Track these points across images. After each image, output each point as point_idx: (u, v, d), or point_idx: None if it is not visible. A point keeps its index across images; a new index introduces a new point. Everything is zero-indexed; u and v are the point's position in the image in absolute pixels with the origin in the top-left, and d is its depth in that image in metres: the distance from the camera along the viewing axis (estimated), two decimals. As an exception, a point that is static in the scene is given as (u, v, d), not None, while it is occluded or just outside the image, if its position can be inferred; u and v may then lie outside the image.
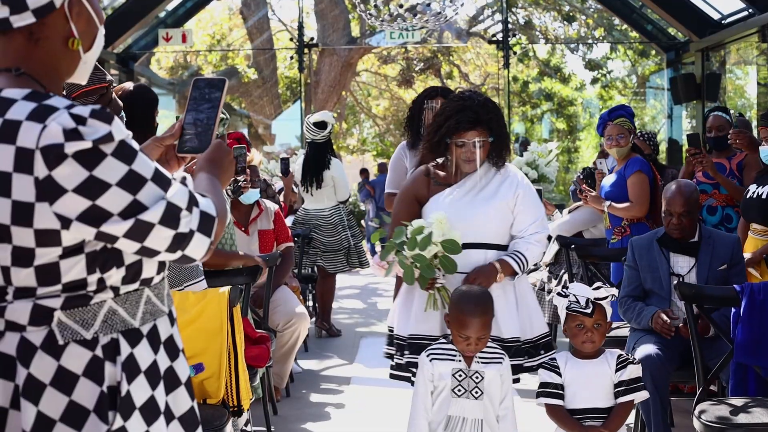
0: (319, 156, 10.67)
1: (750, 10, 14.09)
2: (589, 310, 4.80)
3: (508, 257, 5.15)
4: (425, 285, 4.93)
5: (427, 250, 4.81)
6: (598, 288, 4.87)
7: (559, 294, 4.91)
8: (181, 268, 5.19)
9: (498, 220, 5.22)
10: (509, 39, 20.43)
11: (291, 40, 21.25)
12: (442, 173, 5.34)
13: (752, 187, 6.91)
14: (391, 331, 5.39)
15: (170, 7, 18.22)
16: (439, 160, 5.41)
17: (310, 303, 10.83)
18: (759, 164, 7.76)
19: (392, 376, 5.41)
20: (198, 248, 2.39)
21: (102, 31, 2.55)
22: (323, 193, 10.71)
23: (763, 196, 6.75)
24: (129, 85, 5.14)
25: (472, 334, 4.61)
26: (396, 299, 5.46)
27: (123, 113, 4.71)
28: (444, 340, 4.80)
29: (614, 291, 4.94)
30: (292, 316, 7.55)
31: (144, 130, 5.11)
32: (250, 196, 7.81)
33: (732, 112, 8.16)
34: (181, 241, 2.34)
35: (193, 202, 2.36)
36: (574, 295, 4.85)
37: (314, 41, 20.46)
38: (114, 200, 2.24)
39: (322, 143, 10.65)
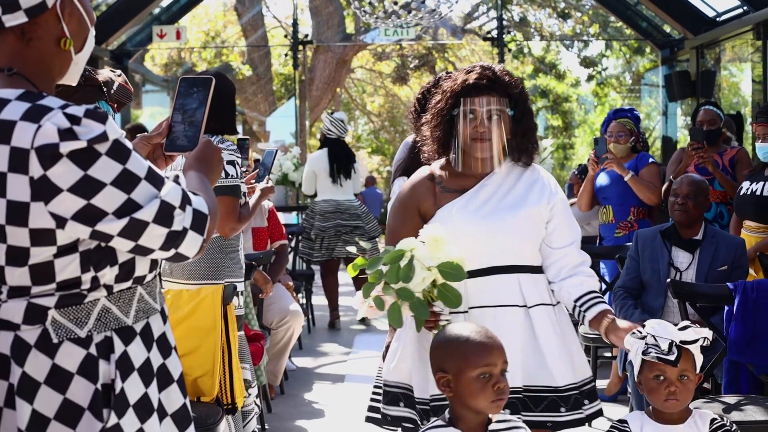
0: (346, 150, 11.43)
1: (745, 8, 14.10)
2: (673, 357, 3.54)
3: (606, 305, 3.94)
4: (421, 326, 3.62)
5: (421, 279, 3.53)
6: (685, 328, 3.63)
7: (632, 334, 3.65)
8: (225, 265, 5.23)
9: (531, 234, 3.97)
10: (504, 36, 20.40)
11: (285, 36, 21.26)
12: (451, 176, 4.04)
13: (746, 184, 6.93)
14: (403, 388, 4.09)
15: (164, 3, 18.21)
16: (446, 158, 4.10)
17: (304, 300, 10.84)
18: (749, 160, 7.81)
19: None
20: (191, 246, 2.40)
21: (93, 32, 2.56)
22: (349, 184, 11.28)
23: (758, 193, 6.78)
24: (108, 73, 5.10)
25: (497, 361, 3.19)
26: (401, 345, 4.10)
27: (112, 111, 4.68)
28: (439, 421, 3.30)
29: (707, 332, 3.67)
30: (286, 314, 7.56)
31: (226, 117, 5.29)
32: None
33: None
34: (174, 239, 2.35)
35: (186, 200, 2.37)
36: (653, 337, 3.59)
37: (309, 38, 20.43)
38: (109, 199, 2.25)
39: (344, 139, 11.41)
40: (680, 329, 3.60)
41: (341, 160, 11.22)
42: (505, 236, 3.90)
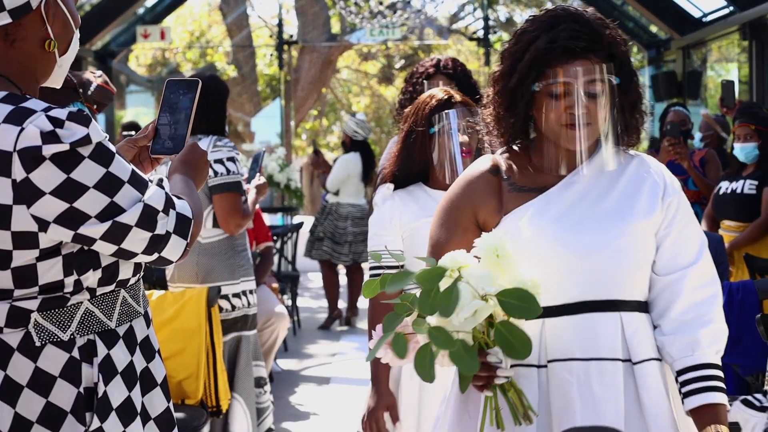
0: (372, 153, 11.61)
1: (731, 8, 14.12)
2: None
3: (720, 394, 2.64)
4: (467, 384, 2.44)
5: (471, 312, 2.33)
6: None
7: (746, 403, 3.01)
8: (240, 265, 5.24)
9: (641, 256, 2.72)
10: (490, 36, 20.41)
11: (270, 36, 21.23)
12: (523, 169, 2.80)
13: (724, 184, 7.04)
14: None
15: (149, 3, 18.16)
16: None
17: (290, 302, 10.83)
18: (718, 161, 7.93)
19: None
20: (174, 250, 2.40)
21: (77, 35, 2.55)
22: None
23: (738, 191, 6.86)
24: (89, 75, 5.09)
25: None
26: (445, 409, 2.85)
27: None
28: None
29: None
30: (271, 316, 7.53)
31: (215, 119, 5.41)
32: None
33: None
34: (157, 243, 2.35)
35: (169, 204, 2.37)
36: None
37: (294, 38, 20.43)
38: (91, 202, 2.25)
39: (368, 140, 11.63)
40: None
41: (372, 164, 11.39)
42: (604, 258, 2.67)
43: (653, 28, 18.39)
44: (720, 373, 2.65)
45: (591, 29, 2.65)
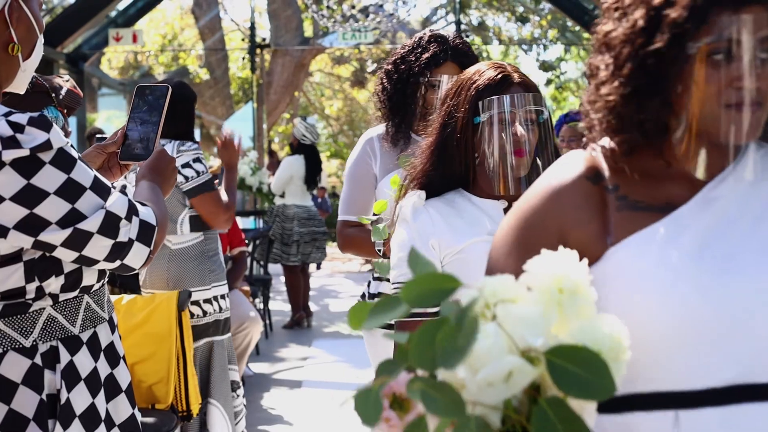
0: (319, 157, 11.71)
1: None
2: None
3: None
4: None
5: (503, 375, 1.28)
6: None
7: None
8: (211, 270, 5.23)
9: None
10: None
11: (243, 40, 21.16)
12: (635, 176, 1.79)
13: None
14: None
15: (121, 6, 18.08)
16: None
17: (261, 306, 10.81)
18: None
19: None
20: (137, 257, 2.38)
21: (41, 39, 2.52)
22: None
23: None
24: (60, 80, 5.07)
25: None
26: None
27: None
28: None
29: None
30: (245, 320, 7.52)
31: (186, 125, 5.32)
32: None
33: None
34: (120, 250, 2.33)
35: (132, 211, 2.35)
36: None
37: (266, 42, 20.40)
38: (52, 209, 2.23)
39: (316, 145, 11.74)
40: None
41: (316, 168, 11.53)
42: None
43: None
44: None
45: None
